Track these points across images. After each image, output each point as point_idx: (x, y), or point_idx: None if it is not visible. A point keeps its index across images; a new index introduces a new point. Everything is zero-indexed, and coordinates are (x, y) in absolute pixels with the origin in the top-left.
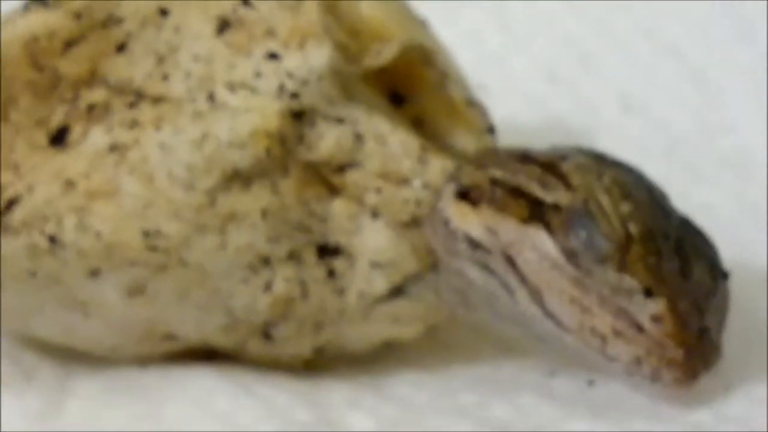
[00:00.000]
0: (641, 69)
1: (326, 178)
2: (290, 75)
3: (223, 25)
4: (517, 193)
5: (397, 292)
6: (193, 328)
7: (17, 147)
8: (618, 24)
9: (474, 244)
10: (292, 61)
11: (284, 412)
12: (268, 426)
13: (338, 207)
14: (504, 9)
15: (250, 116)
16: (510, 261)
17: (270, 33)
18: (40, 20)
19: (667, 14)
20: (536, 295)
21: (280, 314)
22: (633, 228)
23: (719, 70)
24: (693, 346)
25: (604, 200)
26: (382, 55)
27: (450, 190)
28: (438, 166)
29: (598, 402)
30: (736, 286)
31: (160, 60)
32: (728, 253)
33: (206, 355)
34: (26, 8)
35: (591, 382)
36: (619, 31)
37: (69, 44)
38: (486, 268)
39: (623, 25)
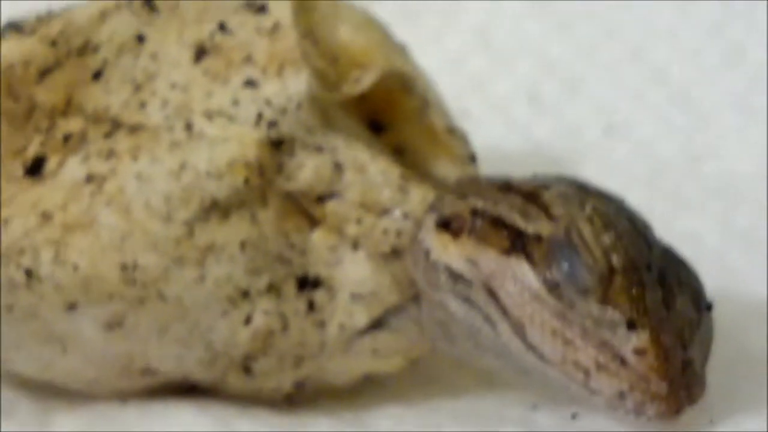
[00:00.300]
0: (626, 93)
1: (306, 208)
2: (268, 103)
3: (201, 52)
4: (499, 223)
5: (377, 324)
6: (172, 363)
7: None
8: (603, 48)
9: (455, 276)
10: (270, 88)
11: None
12: None
13: (318, 238)
14: (486, 33)
15: (228, 146)
16: (491, 293)
17: (248, 59)
18: (16, 48)
19: (653, 37)
20: (518, 328)
21: (260, 348)
22: (615, 259)
23: (706, 94)
24: (677, 380)
25: (586, 231)
26: (362, 82)
27: (431, 220)
28: (419, 195)
29: None
30: (721, 316)
31: (137, 88)
32: (714, 282)
33: (186, 389)
34: (1, 36)
35: (574, 416)
36: (604, 55)
37: (44, 72)
38: (467, 300)
39: (608, 48)
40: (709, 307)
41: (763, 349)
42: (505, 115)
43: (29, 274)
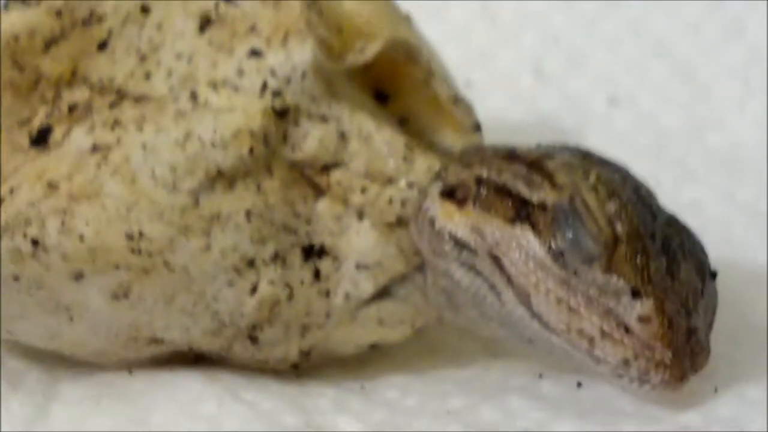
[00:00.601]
0: (629, 66)
1: (311, 178)
2: (273, 72)
3: (206, 23)
4: (503, 192)
5: (383, 293)
6: (178, 332)
7: None
8: (606, 22)
9: (460, 245)
10: (275, 58)
11: (271, 417)
12: (254, 431)
13: (323, 207)
14: (491, 6)
15: (233, 115)
16: (496, 261)
17: (252, 30)
18: (21, 19)
19: (655, 12)
20: (523, 296)
21: (266, 317)
22: (620, 228)
23: (708, 67)
24: (681, 347)
25: (591, 199)
26: (366, 52)
27: (436, 189)
28: (423, 164)
29: (587, 404)
30: (726, 285)
31: (142, 58)
32: (717, 252)
33: (192, 359)
34: (6, 7)
35: (579, 384)
36: (607, 29)
37: (50, 43)
38: (472, 268)
39: (611, 22)
40: (713, 275)
41: (765, 317)
42: (509, 86)
43: (35, 244)
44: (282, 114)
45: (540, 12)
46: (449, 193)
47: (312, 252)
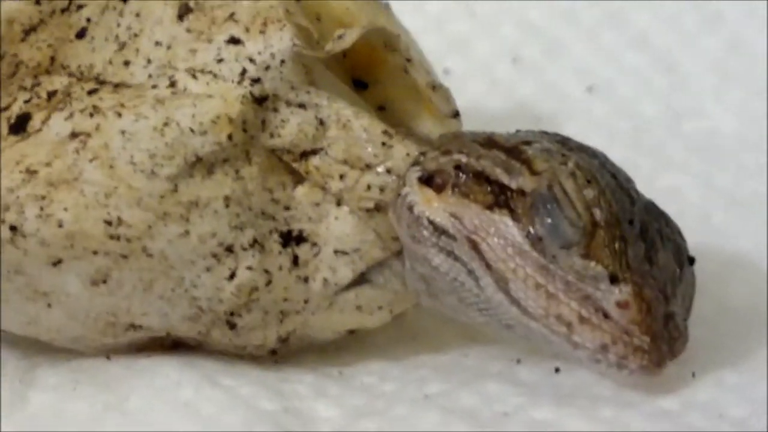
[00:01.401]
0: (607, 54)
1: (289, 164)
2: (252, 60)
3: (184, 11)
4: (482, 178)
5: (361, 279)
6: (157, 318)
7: None
8: (584, 11)
9: (438, 231)
10: (253, 46)
11: (249, 402)
12: (232, 416)
13: (302, 194)
14: None
15: (212, 102)
16: (475, 247)
17: (231, 18)
18: (0, 7)
19: (634, 3)
20: (501, 282)
21: (245, 303)
22: (598, 213)
23: (686, 56)
24: (659, 333)
25: (569, 185)
26: (345, 39)
27: (414, 175)
28: (402, 151)
29: (565, 389)
30: (704, 271)
31: (121, 46)
32: (696, 238)
33: (171, 345)
34: None
35: (557, 370)
36: (585, 18)
37: (29, 31)
38: (451, 254)
39: (589, 12)
40: (691, 261)
41: (743, 303)
42: (487, 74)
43: (14, 230)
44: (261, 101)
45: (518, 2)
46: (428, 180)
47: (290, 238)
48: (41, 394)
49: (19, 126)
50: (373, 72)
